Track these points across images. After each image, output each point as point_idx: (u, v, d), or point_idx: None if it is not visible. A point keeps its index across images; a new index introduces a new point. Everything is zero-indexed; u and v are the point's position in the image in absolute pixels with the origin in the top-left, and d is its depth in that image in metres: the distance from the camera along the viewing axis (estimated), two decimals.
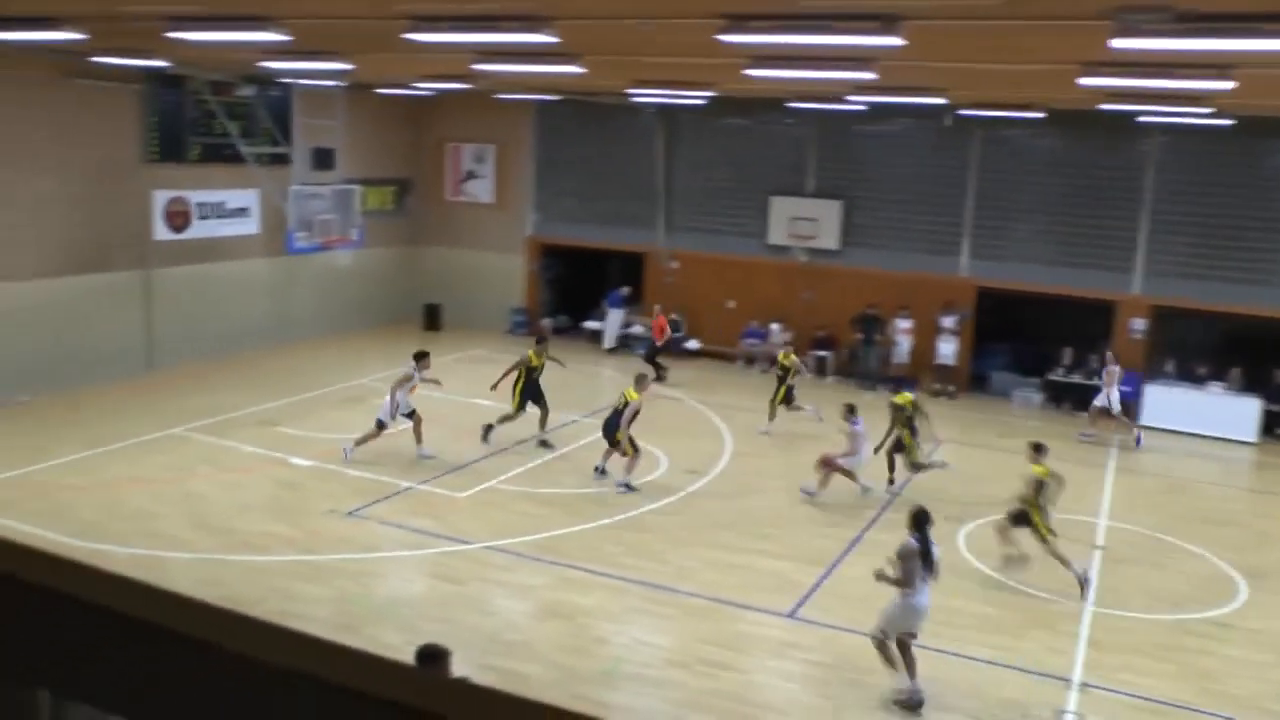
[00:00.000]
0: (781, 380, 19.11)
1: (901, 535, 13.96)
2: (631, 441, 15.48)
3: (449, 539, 13.37)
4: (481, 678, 9.50)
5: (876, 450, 16.07)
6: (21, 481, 14.60)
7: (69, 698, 1.61)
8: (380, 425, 16.13)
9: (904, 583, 9.81)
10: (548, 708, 1.18)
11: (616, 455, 15.66)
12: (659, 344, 23.46)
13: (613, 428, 15.59)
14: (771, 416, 19.13)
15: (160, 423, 17.60)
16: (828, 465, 15.47)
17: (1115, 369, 20.02)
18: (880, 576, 10.05)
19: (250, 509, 14.10)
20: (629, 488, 15.34)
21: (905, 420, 16.06)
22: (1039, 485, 12.86)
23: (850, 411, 15.75)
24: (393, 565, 12.67)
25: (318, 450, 16.45)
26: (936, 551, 10.06)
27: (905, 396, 16.42)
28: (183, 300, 21.93)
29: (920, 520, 10.12)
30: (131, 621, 1.38)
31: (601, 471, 15.85)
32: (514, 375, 17.53)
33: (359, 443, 16.10)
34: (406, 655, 8.11)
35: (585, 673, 10.22)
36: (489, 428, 17.40)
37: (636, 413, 15.49)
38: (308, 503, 14.41)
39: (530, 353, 17.66)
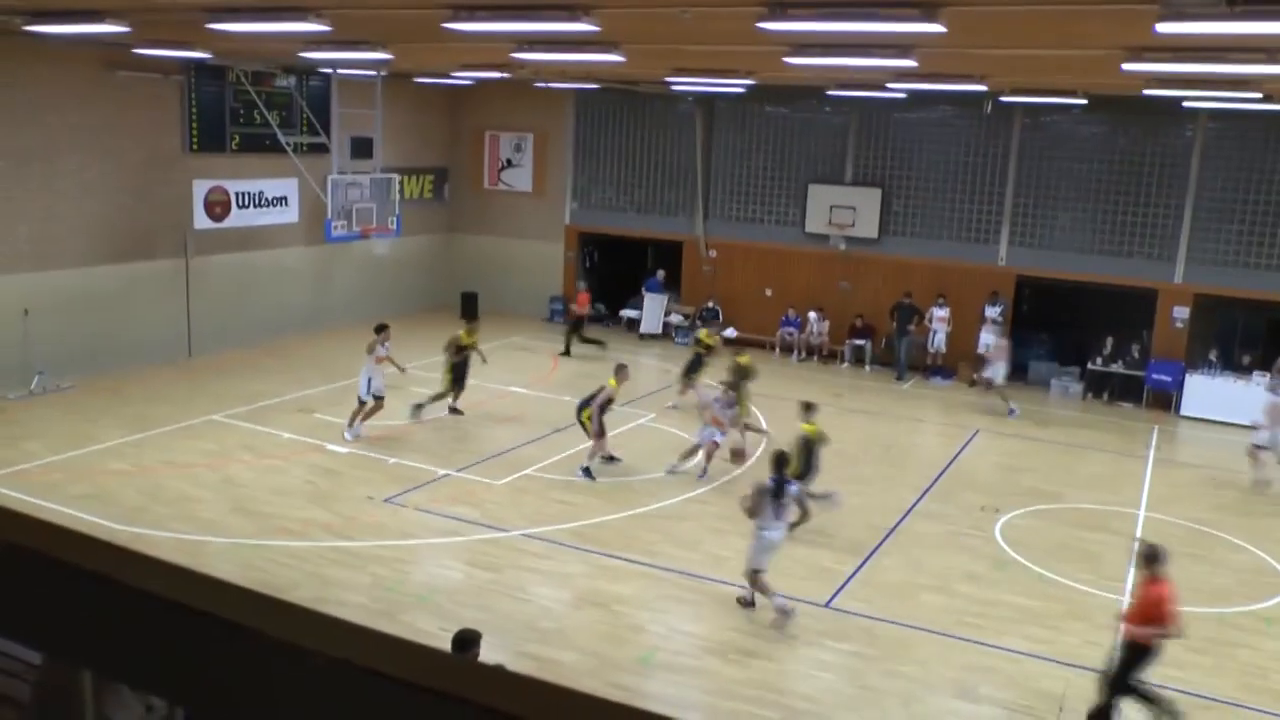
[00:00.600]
0: (700, 357, 19.47)
1: (933, 525, 13.98)
2: (601, 427, 15.49)
3: (485, 526, 13.43)
4: (517, 665, 9.56)
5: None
6: (65, 465, 14.82)
7: (109, 678, 1.63)
8: (366, 401, 16.55)
9: (752, 514, 11.15)
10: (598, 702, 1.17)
11: (592, 442, 15.62)
12: (581, 317, 24.01)
13: (581, 408, 15.70)
14: (683, 391, 19.77)
15: (200, 409, 17.80)
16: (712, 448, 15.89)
17: (1003, 343, 21.07)
18: (741, 505, 11.43)
19: (288, 495, 14.23)
20: (587, 473, 15.29)
21: (738, 381, 16.94)
22: (807, 444, 13.87)
23: (728, 390, 16.27)
24: (429, 552, 12.75)
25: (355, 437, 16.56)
26: (791, 490, 11.37)
27: (745, 358, 17.55)
28: (223, 288, 22.17)
29: (779, 463, 11.43)
30: (171, 605, 1.39)
31: (601, 463, 15.70)
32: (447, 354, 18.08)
33: (361, 419, 16.57)
34: (442, 642, 8.18)
35: (621, 661, 10.24)
36: (429, 406, 17.83)
37: (610, 399, 15.54)
38: (345, 489, 14.52)
39: (461, 333, 18.15)
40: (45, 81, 18.51)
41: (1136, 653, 9.31)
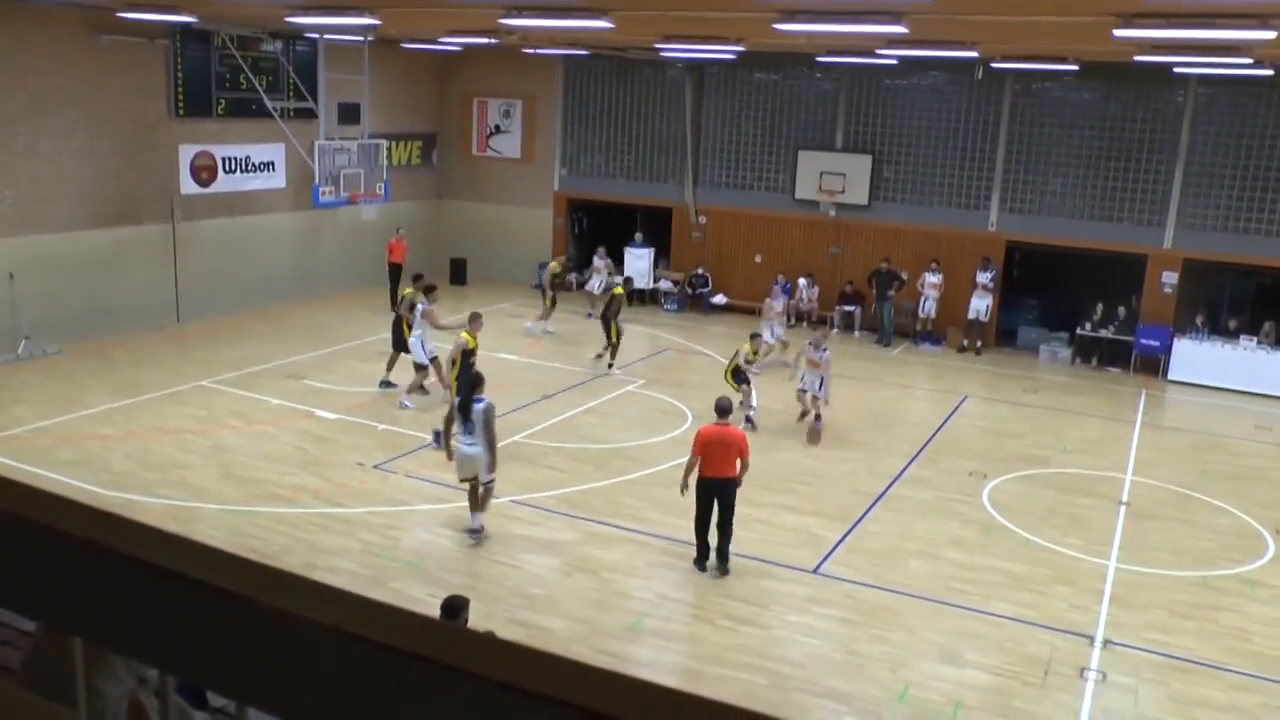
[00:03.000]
0: (555, 282, 21.09)
1: (921, 490, 14.04)
2: (439, 368, 16.08)
3: None
4: (506, 632, 9.60)
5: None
6: (53, 431, 14.79)
7: (99, 645, 1.63)
8: (421, 367, 16.68)
9: (448, 425, 12.55)
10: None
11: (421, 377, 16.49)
12: (394, 264, 23.81)
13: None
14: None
15: (189, 374, 17.76)
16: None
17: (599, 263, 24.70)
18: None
19: (277, 461, 14.23)
20: (405, 405, 16.39)
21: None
22: (463, 350, 14.84)
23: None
24: (419, 519, 12.78)
25: (344, 403, 16.56)
26: (476, 409, 11.78)
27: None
28: (210, 253, 22.06)
29: (473, 383, 12.27)
30: (161, 571, 1.39)
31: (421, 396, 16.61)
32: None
33: (410, 391, 16.77)
34: (431, 609, 8.21)
35: (609, 627, 10.30)
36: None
37: (462, 350, 15.03)
38: (334, 455, 14.53)
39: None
40: (27, 44, 18.31)
41: (716, 490, 11.16)
